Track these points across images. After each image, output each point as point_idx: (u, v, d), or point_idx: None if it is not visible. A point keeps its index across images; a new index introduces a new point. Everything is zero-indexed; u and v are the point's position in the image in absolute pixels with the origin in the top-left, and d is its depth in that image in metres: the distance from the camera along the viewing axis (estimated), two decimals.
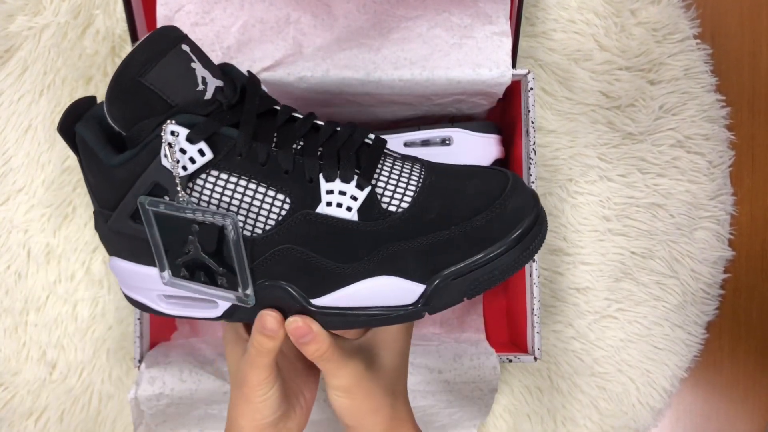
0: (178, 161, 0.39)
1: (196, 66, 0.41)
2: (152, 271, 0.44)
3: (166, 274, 0.43)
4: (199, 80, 0.40)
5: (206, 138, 0.40)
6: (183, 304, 0.46)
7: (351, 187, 0.41)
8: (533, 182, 0.62)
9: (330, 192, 0.41)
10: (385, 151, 0.44)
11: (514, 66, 0.63)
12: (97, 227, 0.45)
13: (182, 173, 0.40)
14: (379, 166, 0.43)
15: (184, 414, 0.62)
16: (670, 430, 0.77)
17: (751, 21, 0.76)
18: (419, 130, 0.65)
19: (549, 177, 0.74)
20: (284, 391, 0.47)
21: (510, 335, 0.72)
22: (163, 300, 0.46)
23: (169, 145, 0.39)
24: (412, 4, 0.65)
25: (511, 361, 0.63)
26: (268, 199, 0.41)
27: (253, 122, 0.41)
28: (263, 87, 0.45)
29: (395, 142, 0.65)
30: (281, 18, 0.62)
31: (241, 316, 0.46)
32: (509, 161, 0.69)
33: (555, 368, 0.74)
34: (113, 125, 0.41)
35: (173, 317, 0.51)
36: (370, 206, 0.41)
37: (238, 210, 0.41)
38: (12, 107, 0.72)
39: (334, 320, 0.43)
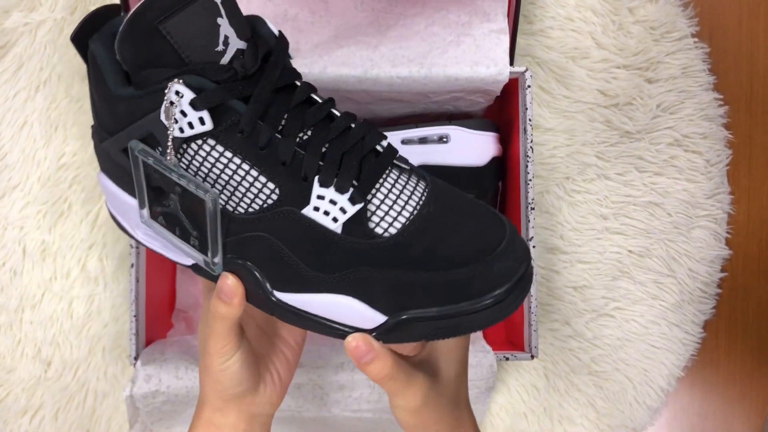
0: (176, 121, 0.37)
1: (222, 22, 0.37)
2: (134, 203, 0.42)
3: (145, 213, 0.42)
4: (221, 39, 0.37)
5: (211, 107, 0.37)
6: (159, 241, 0.45)
7: (343, 199, 0.39)
8: (530, 180, 0.62)
9: (321, 197, 0.39)
10: (394, 161, 0.42)
11: (511, 64, 0.63)
12: (93, 138, 0.43)
13: (177, 135, 0.38)
14: (381, 180, 0.40)
15: (180, 411, 0.62)
16: (666, 429, 0.77)
17: (749, 20, 0.76)
18: (417, 127, 0.65)
19: (546, 175, 0.74)
20: (249, 363, 0.44)
21: (507, 333, 0.72)
22: (141, 230, 0.44)
23: (171, 103, 0.37)
24: (410, 1, 0.65)
25: (508, 359, 0.63)
26: (258, 185, 0.39)
27: (265, 99, 0.38)
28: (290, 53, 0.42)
29: (393, 139, 0.65)
30: (279, 14, 0.62)
31: (206, 275, 0.44)
32: (507, 159, 0.68)
33: (552, 367, 0.74)
34: (121, 64, 0.38)
35: (148, 248, 0.49)
36: (358, 223, 0.39)
37: (225, 185, 0.39)
38: (7, 103, 0.71)
39: (290, 317, 0.42)
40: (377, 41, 0.63)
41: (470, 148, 0.65)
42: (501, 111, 0.70)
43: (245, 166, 0.39)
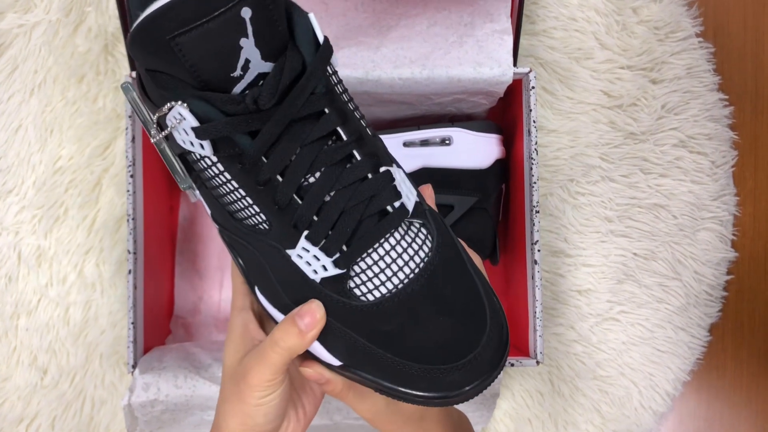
0: (170, 131, 0.34)
1: (246, 43, 0.32)
2: None
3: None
4: (240, 63, 0.32)
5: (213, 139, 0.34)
6: None
7: (327, 261, 0.36)
8: (535, 183, 0.61)
9: (306, 250, 0.36)
10: (405, 220, 0.37)
11: (515, 64, 0.62)
12: None
13: (172, 139, 0.35)
14: (376, 245, 0.36)
15: (179, 420, 0.61)
16: None
17: (754, 19, 0.75)
18: (419, 129, 0.64)
19: (550, 177, 0.73)
20: (286, 400, 0.40)
21: (511, 338, 0.70)
22: None
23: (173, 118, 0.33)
24: (412, 1, 0.64)
25: (513, 365, 0.62)
26: (252, 211, 0.37)
27: (277, 132, 0.34)
28: (334, 67, 0.37)
29: (394, 141, 0.64)
30: None
31: (224, 237, 0.42)
32: (510, 161, 0.67)
33: (556, 372, 0.73)
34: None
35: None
36: (338, 281, 0.36)
37: (224, 195, 0.37)
38: (2, 107, 0.70)
39: (265, 314, 0.41)
40: (378, 42, 0.62)
41: (473, 150, 0.65)
42: (504, 112, 0.69)
43: (242, 192, 0.36)
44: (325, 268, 0.36)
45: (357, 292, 0.37)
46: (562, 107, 0.73)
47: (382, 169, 0.36)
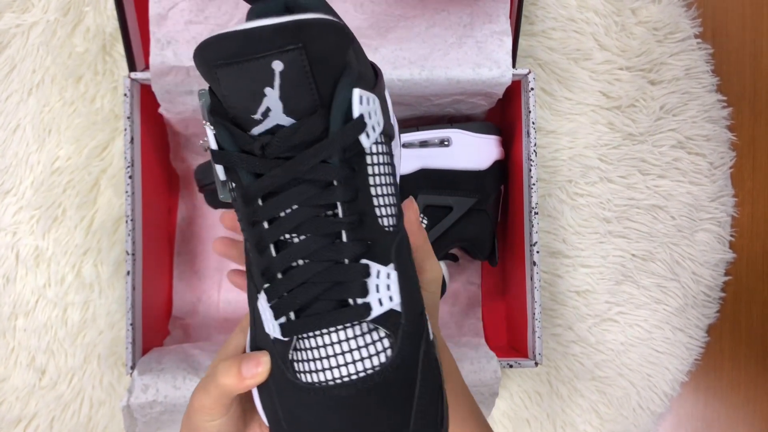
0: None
1: (271, 93, 0.33)
2: None
3: None
4: (261, 109, 0.33)
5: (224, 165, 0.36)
6: None
7: (275, 323, 0.35)
8: (534, 184, 0.61)
9: (262, 303, 0.36)
10: (361, 322, 0.35)
11: (514, 65, 0.62)
12: None
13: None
14: (324, 331, 0.35)
15: (178, 421, 0.61)
16: None
17: (753, 20, 0.75)
18: (417, 130, 0.64)
19: (548, 178, 0.73)
20: (235, 426, 0.40)
21: (510, 339, 0.71)
22: None
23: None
24: (411, 3, 0.63)
25: (512, 366, 0.62)
26: (246, 239, 0.37)
27: (278, 183, 0.34)
28: (386, 153, 0.37)
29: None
30: None
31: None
32: (509, 162, 0.67)
33: (555, 372, 0.73)
34: None
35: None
36: (284, 347, 0.36)
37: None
38: None
39: None
40: (377, 43, 0.62)
41: (472, 151, 0.65)
42: (503, 114, 0.69)
43: (241, 221, 0.37)
44: (273, 329, 0.36)
45: (296, 367, 0.36)
46: (560, 108, 0.73)
47: (363, 261, 0.35)
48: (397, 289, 0.36)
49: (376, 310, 0.35)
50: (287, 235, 0.35)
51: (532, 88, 0.61)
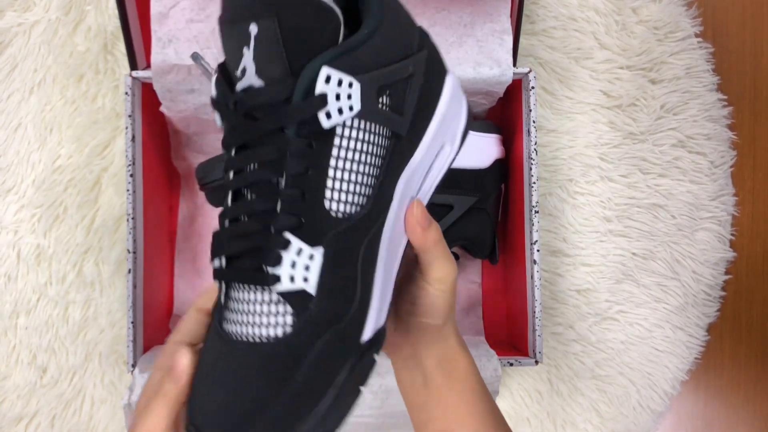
0: None
1: (246, 53, 0.35)
2: None
3: None
4: (240, 68, 0.35)
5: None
6: None
7: (215, 261, 0.38)
8: (534, 183, 0.61)
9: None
10: (257, 286, 0.36)
11: (514, 64, 0.62)
12: None
13: None
14: (246, 288, 0.36)
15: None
16: None
17: (753, 19, 0.75)
18: None
19: (549, 177, 0.73)
20: None
21: (510, 337, 0.71)
22: None
23: None
24: (411, 2, 0.63)
25: (512, 365, 0.62)
26: None
27: (238, 141, 0.37)
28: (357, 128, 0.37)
29: None
30: None
31: None
32: (509, 161, 0.68)
33: (555, 371, 0.73)
34: None
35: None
36: (219, 295, 0.39)
37: None
38: (1, 105, 0.70)
39: None
40: None
41: (473, 150, 0.65)
42: (503, 112, 0.69)
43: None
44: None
45: (224, 313, 0.37)
46: (561, 107, 0.73)
47: (286, 234, 0.35)
48: (317, 274, 0.36)
49: (285, 285, 0.35)
50: (244, 190, 0.37)
51: (532, 87, 0.61)
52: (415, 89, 0.39)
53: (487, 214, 0.66)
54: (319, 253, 0.36)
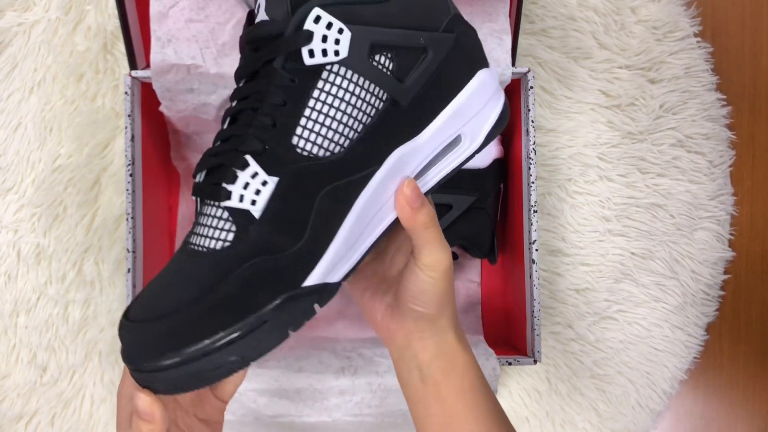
0: None
1: None
2: None
3: None
4: (257, 4, 0.39)
5: None
6: None
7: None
8: (533, 182, 0.61)
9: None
10: (214, 203, 0.39)
11: (513, 64, 0.62)
12: None
13: None
14: (209, 203, 0.39)
15: None
16: None
17: (752, 19, 0.76)
18: None
19: (548, 177, 0.73)
20: None
21: (509, 337, 0.71)
22: None
23: None
24: None
25: (510, 364, 0.62)
26: None
27: (247, 69, 0.40)
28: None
29: None
30: None
31: None
32: (508, 161, 0.68)
33: (554, 370, 0.73)
34: None
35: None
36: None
37: None
38: (1, 105, 0.70)
39: None
40: None
41: None
42: None
43: None
44: None
45: (194, 227, 0.40)
46: (560, 107, 0.73)
47: (247, 156, 0.38)
48: (265, 200, 0.37)
49: (233, 202, 0.37)
50: (238, 116, 0.39)
51: (531, 87, 0.61)
52: (429, 66, 0.40)
53: (486, 213, 0.66)
54: (273, 181, 0.37)
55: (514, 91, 0.65)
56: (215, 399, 0.45)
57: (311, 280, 0.38)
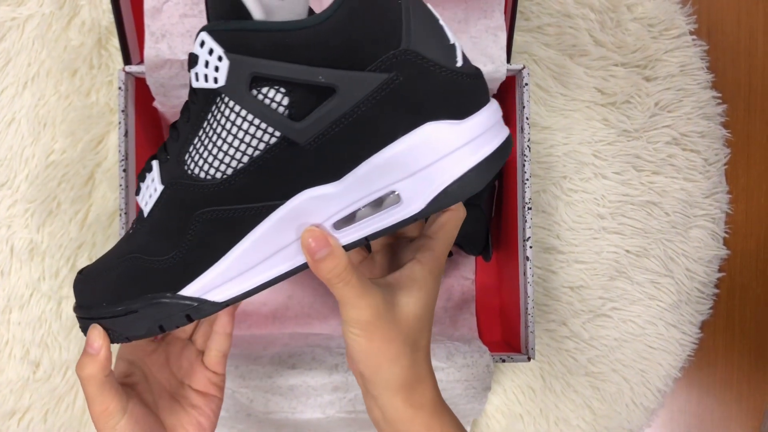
0: None
1: None
2: None
3: None
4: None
5: None
6: None
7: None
8: (527, 179, 0.61)
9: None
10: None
11: (508, 61, 0.62)
12: None
13: None
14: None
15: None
16: (663, 431, 0.76)
17: (748, 17, 0.75)
18: None
19: (543, 174, 0.73)
20: (145, 428, 0.43)
21: (503, 334, 0.71)
22: None
23: None
24: None
25: (504, 361, 0.62)
26: None
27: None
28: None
29: None
30: None
31: None
32: None
33: (548, 368, 0.73)
34: None
35: None
36: None
37: None
38: None
39: None
40: None
41: None
42: None
43: None
44: None
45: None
46: (555, 104, 0.73)
47: (153, 162, 0.42)
48: (151, 205, 0.42)
49: (139, 198, 0.43)
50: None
51: (526, 84, 0.61)
52: (338, 107, 0.35)
53: (480, 210, 0.66)
54: (159, 189, 0.41)
55: (508, 88, 0.64)
56: (205, 369, 0.49)
57: (188, 291, 0.41)
